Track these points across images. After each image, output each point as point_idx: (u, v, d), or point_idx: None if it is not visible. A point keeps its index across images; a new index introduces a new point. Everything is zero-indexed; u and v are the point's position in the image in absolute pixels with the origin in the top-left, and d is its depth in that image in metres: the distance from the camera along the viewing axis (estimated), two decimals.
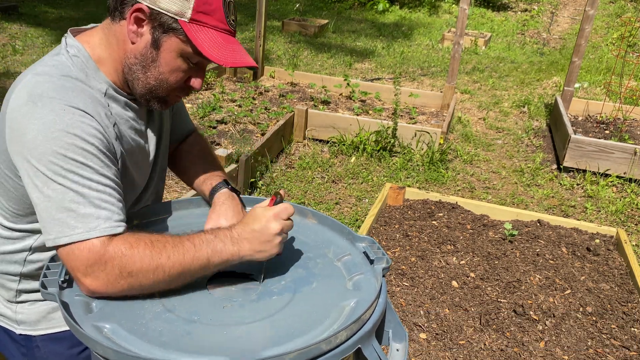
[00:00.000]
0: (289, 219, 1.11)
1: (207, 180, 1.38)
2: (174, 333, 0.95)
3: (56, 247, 1.03)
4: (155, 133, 1.31)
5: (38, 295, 1.26)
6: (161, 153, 1.37)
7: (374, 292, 1.08)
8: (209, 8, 1.08)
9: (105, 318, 0.97)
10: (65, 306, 0.97)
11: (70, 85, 1.07)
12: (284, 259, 1.21)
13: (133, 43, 1.11)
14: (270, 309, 1.04)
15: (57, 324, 1.29)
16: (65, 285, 1.04)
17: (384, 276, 1.14)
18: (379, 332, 1.09)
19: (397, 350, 1.09)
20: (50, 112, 1.01)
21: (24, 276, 1.24)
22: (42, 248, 1.21)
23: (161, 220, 1.33)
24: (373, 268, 1.18)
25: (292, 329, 0.98)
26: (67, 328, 1.27)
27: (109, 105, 1.14)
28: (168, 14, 1.07)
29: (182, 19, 1.07)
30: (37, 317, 1.28)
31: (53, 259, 1.10)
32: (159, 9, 1.07)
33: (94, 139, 1.04)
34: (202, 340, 0.94)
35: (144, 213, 1.32)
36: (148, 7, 1.07)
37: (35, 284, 1.25)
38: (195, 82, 1.17)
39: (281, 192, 1.17)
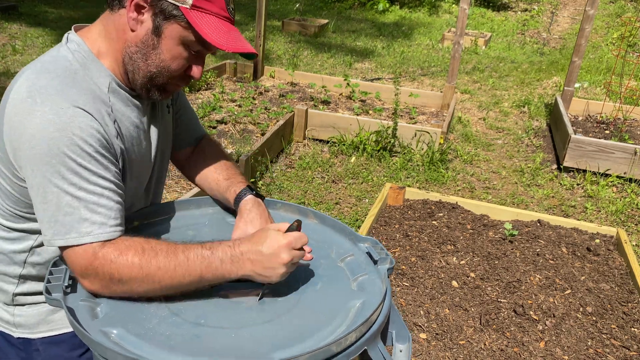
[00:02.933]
0: (301, 248, 1.08)
1: (231, 187, 1.33)
2: (182, 337, 0.95)
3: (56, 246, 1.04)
4: (156, 133, 1.28)
5: (37, 298, 1.24)
6: (159, 155, 1.32)
7: (379, 293, 1.08)
8: None
9: (112, 323, 0.96)
10: (71, 312, 0.97)
11: (70, 81, 1.05)
12: None
13: (133, 31, 1.09)
14: (277, 312, 1.03)
15: (57, 326, 1.27)
16: (69, 290, 1.03)
17: (388, 277, 1.14)
18: (383, 332, 1.09)
19: (401, 351, 1.09)
20: (50, 110, 1.00)
21: (23, 278, 1.22)
22: (43, 249, 1.19)
23: (162, 221, 1.33)
24: (377, 268, 1.18)
25: (301, 330, 0.98)
26: (67, 330, 1.26)
27: (110, 100, 1.11)
28: (169, 0, 1.05)
29: (184, 5, 1.05)
30: (37, 320, 1.25)
31: (55, 264, 1.08)
32: None
33: (93, 140, 1.02)
34: (211, 343, 0.94)
35: (144, 214, 1.31)
36: None
37: (33, 286, 1.23)
38: (195, 71, 1.15)
39: (299, 220, 1.12)
